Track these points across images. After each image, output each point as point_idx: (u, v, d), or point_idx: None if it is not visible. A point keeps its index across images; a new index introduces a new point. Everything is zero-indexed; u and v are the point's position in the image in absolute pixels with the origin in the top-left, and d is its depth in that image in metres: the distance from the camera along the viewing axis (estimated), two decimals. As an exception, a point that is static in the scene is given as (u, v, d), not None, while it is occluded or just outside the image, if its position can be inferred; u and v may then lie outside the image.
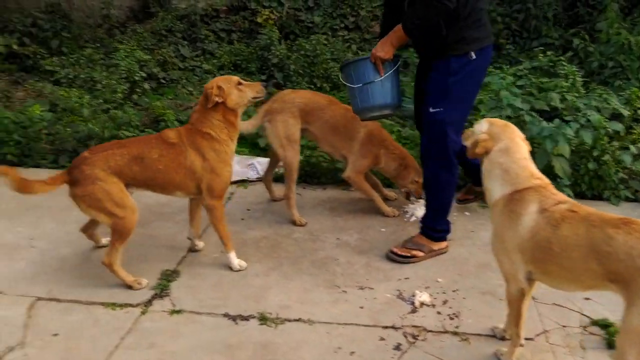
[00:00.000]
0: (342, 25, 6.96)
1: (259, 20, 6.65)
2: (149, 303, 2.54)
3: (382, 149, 3.38)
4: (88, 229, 2.91)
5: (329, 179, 3.98)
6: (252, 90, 2.76)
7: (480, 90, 4.66)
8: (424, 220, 3.03)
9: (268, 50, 5.84)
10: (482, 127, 2.20)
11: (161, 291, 2.63)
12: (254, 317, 2.47)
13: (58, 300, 2.54)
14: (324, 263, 2.95)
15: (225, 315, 2.48)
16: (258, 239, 3.17)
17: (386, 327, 2.43)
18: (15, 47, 5.45)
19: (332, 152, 3.53)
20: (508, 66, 4.96)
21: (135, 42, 5.96)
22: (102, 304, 2.52)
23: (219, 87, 2.66)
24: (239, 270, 2.82)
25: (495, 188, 2.10)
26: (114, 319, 2.43)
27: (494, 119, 2.27)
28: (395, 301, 2.63)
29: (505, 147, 2.10)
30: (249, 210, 3.56)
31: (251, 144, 4.49)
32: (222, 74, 5.90)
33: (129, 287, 2.63)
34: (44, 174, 2.72)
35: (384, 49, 2.77)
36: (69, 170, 2.58)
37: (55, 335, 2.31)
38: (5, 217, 3.33)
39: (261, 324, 2.43)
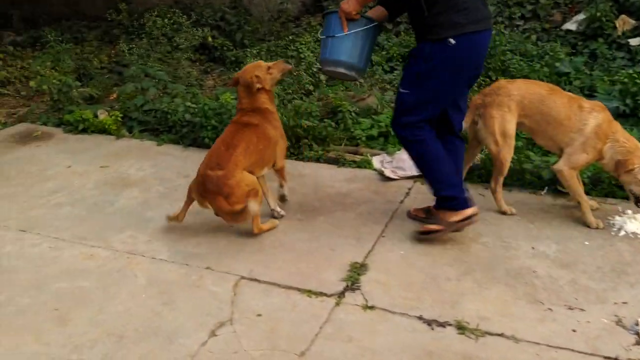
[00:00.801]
0: (519, 14, 6.39)
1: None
2: (342, 295, 2.55)
3: (608, 142, 2.97)
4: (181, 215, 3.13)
5: (515, 181, 3.63)
6: (278, 69, 3.14)
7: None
8: (436, 195, 2.96)
9: (439, 40, 5.56)
10: None
11: (352, 284, 2.63)
12: (450, 325, 2.33)
13: (258, 281, 2.67)
14: (520, 274, 2.69)
15: (420, 318, 2.38)
16: (444, 240, 3.00)
17: (607, 358, 2.12)
18: (210, 39, 6.01)
19: (550, 145, 3.21)
20: None
21: (309, 35, 6.16)
22: (298, 289, 2.59)
23: (257, 76, 3.05)
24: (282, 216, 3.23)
25: None
26: (310, 306, 2.48)
27: None
28: (614, 328, 2.28)
29: None
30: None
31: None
32: (390, 66, 5.87)
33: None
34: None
35: (348, 3, 2.72)
36: (212, 198, 2.86)
37: (259, 315, 2.43)
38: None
39: (460, 334, 2.28)
